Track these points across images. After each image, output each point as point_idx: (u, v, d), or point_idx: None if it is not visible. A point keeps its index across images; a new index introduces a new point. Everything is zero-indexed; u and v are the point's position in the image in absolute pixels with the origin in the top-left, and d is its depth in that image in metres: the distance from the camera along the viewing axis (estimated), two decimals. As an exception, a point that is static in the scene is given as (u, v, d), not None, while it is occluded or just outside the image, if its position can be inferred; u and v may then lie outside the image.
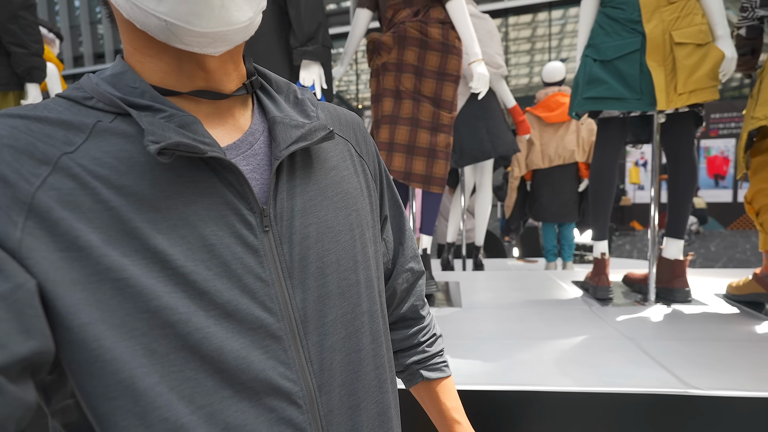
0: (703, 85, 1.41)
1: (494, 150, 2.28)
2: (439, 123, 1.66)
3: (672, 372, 1.09)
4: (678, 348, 1.23)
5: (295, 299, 0.37)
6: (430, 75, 1.63)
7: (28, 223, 0.28)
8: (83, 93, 0.35)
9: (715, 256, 5.74)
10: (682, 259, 1.62)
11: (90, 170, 0.31)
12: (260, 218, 0.36)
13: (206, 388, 0.32)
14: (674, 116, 1.59)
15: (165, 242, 0.32)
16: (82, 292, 0.29)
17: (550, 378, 1.09)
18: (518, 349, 1.28)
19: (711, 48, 1.42)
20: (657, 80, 1.43)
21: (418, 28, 1.59)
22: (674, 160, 1.61)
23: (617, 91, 1.49)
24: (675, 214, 1.63)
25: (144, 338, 0.30)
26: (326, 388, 0.37)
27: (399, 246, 0.54)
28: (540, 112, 2.66)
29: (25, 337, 0.26)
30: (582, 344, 1.29)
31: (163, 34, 0.32)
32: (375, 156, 0.51)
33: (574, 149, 2.59)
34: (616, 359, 1.18)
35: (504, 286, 2.05)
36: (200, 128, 0.34)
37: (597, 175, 1.69)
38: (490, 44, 2.26)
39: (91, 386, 0.29)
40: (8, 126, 0.31)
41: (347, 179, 0.44)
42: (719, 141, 7.68)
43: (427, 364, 0.57)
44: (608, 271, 1.72)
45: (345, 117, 0.49)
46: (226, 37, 0.34)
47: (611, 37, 1.51)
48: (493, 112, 2.31)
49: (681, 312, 1.53)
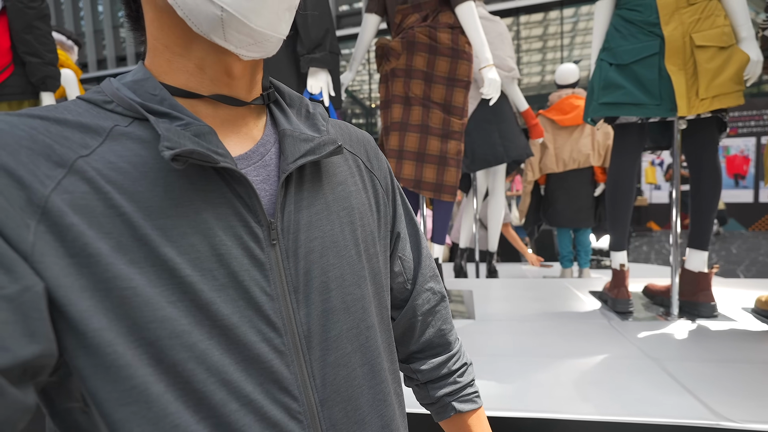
0: (727, 89, 1.34)
1: (507, 154, 2.22)
2: (449, 130, 1.61)
3: (700, 399, 1.02)
4: (706, 371, 1.16)
5: (299, 315, 0.37)
6: (440, 81, 1.58)
7: (41, 227, 0.28)
8: (103, 96, 0.35)
9: (737, 259, 5.57)
10: (707, 272, 1.54)
11: (104, 174, 0.31)
12: (267, 231, 0.36)
13: (213, 401, 0.32)
14: (696, 122, 1.51)
15: (174, 250, 0.32)
16: (91, 299, 0.29)
17: (569, 403, 1.03)
18: (535, 368, 1.22)
19: (735, 50, 1.34)
20: (677, 85, 1.35)
21: (427, 33, 1.54)
22: (697, 169, 1.53)
23: (635, 97, 1.42)
24: (698, 224, 1.55)
25: (150, 348, 0.30)
26: (329, 404, 0.37)
27: (418, 265, 0.53)
28: (553, 115, 2.59)
29: (29, 341, 0.26)
30: (602, 364, 1.23)
31: (209, 25, 0.33)
32: (387, 173, 0.50)
33: (590, 153, 2.51)
34: (639, 383, 1.11)
35: (519, 296, 1.99)
36: (215, 138, 0.34)
37: (614, 183, 1.62)
38: (501, 47, 2.20)
39: (105, 391, 0.29)
40: (28, 126, 0.31)
41: (355, 194, 0.44)
42: (739, 140, 7.45)
43: (459, 396, 0.54)
44: (628, 282, 1.65)
45: (355, 134, 0.49)
46: (265, 43, 0.35)
47: (628, 40, 1.44)
48: (506, 115, 2.25)
49: (707, 328, 1.46)
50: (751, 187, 7.45)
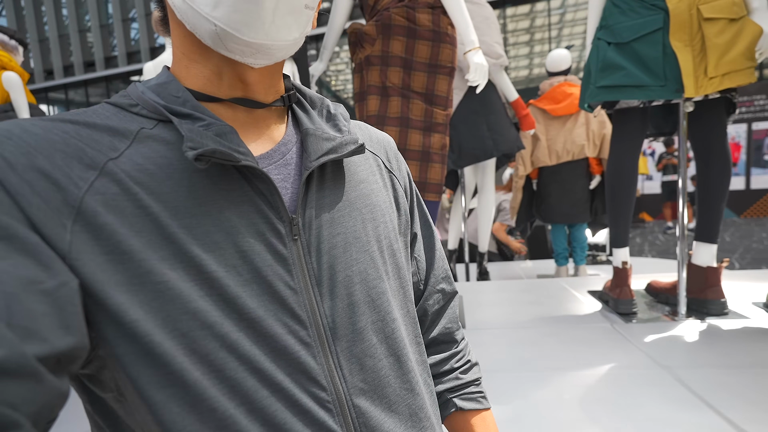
0: (738, 66, 1.21)
1: (496, 148, 2.08)
2: (432, 122, 1.47)
3: (721, 413, 0.90)
4: (723, 379, 1.04)
5: (324, 307, 0.38)
6: (421, 68, 1.43)
7: (76, 226, 0.30)
8: (129, 100, 0.37)
9: (731, 247, 5.52)
10: (716, 266, 1.42)
11: (132, 176, 0.32)
12: (289, 227, 0.37)
13: (246, 388, 0.33)
14: (703, 104, 1.39)
15: (200, 248, 0.33)
16: (125, 294, 0.30)
17: (576, 426, 0.90)
18: (533, 384, 1.09)
19: (746, 22, 1.21)
20: (684, 63, 1.23)
21: (404, 15, 1.39)
22: (704, 155, 1.40)
23: (637, 78, 1.29)
24: (707, 215, 1.42)
25: (184, 339, 0.31)
26: (356, 393, 0.38)
27: (430, 266, 0.54)
28: (545, 104, 2.45)
29: (64, 332, 0.28)
30: (609, 376, 1.10)
31: (210, 39, 0.34)
32: (406, 174, 0.52)
33: (584, 143, 2.38)
34: (651, 397, 0.99)
35: (513, 299, 1.86)
36: (236, 138, 0.35)
37: (615, 173, 1.49)
38: (488, 32, 2.06)
39: (146, 376, 0.30)
40: (61, 131, 0.32)
41: (376, 192, 0.45)
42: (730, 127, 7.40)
43: (462, 393, 0.53)
44: (630, 281, 1.52)
45: (376, 135, 0.51)
46: (269, 51, 0.36)
47: (628, 15, 1.31)
48: (494, 106, 2.11)
49: (718, 328, 1.34)
50: (743, 174, 7.42)
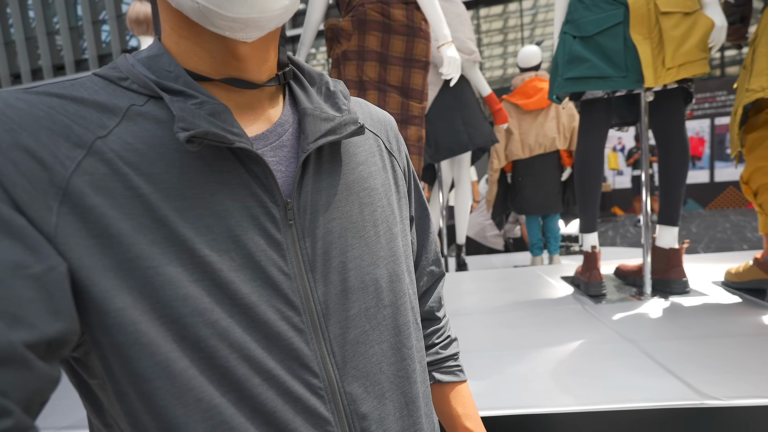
0: (693, 57, 1.30)
1: (471, 142, 2.14)
2: (409, 114, 1.50)
3: (683, 379, 0.96)
4: (684, 349, 1.11)
5: (317, 293, 0.37)
6: (396, 62, 1.47)
7: (63, 208, 0.29)
8: (119, 73, 0.35)
9: (697, 237, 5.78)
10: (678, 248, 1.51)
11: (122, 156, 0.31)
12: (284, 211, 0.36)
13: (236, 375, 0.32)
14: (662, 94, 1.47)
15: (192, 231, 0.32)
16: (114, 278, 0.29)
17: (548, 396, 0.95)
18: (510, 362, 1.14)
19: (699, 16, 1.30)
20: (643, 54, 1.30)
21: (379, 10, 1.43)
22: (665, 142, 1.49)
23: (601, 70, 1.36)
24: (668, 199, 1.51)
25: (174, 325, 0.30)
26: (348, 380, 0.38)
27: (422, 249, 0.54)
28: (517, 99, 2.54)
29: (53, 318, 0.27)
30: (579, 351, 1.16)
31: (196, 15, 0.32)
32: (405, 156, 0.51)
33: (555, 137, 2.47)
34: (618, 367, 1.05)
35: (490, 287, 1.92)
36: (230, 117, 0.34)
37: (583, 162, 1.56)
38: (460, 29, 2.12)
39: (131, 367, 0.29)
40: (46, 105, 0.31)
41: (375, 175, 0.44)
42: (694, 122, 7.76)
43: (441, 367, 0.55)
44: (600, 265, 1.60)
45: (377, 113, 0.49)
46: (258, 23, 0.33)
47: (591, 10, 1.38)
48: (468, 101, 2.17)
49: (681, 305, 1.42)
50: (707, 167, 7.77)
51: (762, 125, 1.27)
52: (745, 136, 1.33)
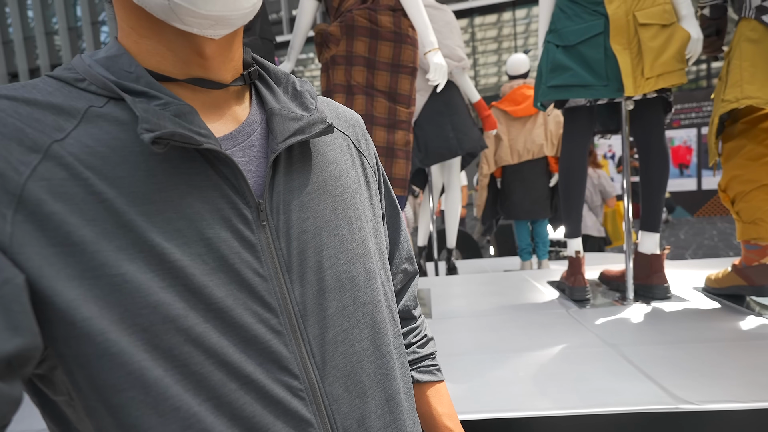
0: (671, 68, 1.33)
1: (460, 147, 2.16)
2: (396, 119, 1.52)
3: (659, 383, 0.98)
4: (662, 353, 1.13)
5: (294, 294, 0.36)
6: (383, 67, 1.49)
7: (18, 216, 0.27)
8: (75, 74, 0.33)
9: (685, 244, 5.85)
10: (659, 254, 1.53)
11: (81, 159, 0.30)
12: (256, 212, 0.35)
13: (212, 382, 0.31)
14: (642, 103, 1.50)
15: (161, 236, 0.31)
16: (78, 288, 0.28)
17: (527, 400, 0.96)
18: (492, 365, 1.15)
19: (676, 29, 1.33)
20: (623, 64, 1.33)
21: (366, 16, 1.45)
22: (645, 150, 1.52)
23: (582, 78, 1.38)
24: (649, 206, 1.54)
25: (145, 333, 0.29)
26: (329, 380, 0.37)
27: (394, 246, 0.54)
28: (506, 106, 2.57)
29: (11, 334, 0.26)
30: (561, 355, 1.17)
31: (164, 12, 0.31)
32: (374, 154, 0.51)
33: (543, 143, 2.51)
34: (597, 371, 1.06)
35: (478, 291, 1.93)
36: (196, 118, 0.33)
37: (566, 169, 1.59)
38: (450, 36, 2.14)
39: (101, 379, 0.28)
40: None
41: (346, 173, 0.43)
42: (682, 131, 7.88)
43: (419, 366, 0.55)
44: (584, 270, 1.62)
45: (344, 113, 0.49)
46: (229, 20, 0.33)
47: (573, 20, 1.41)
48: (458, 107, 2.20)
49: (662, 310, 1.44)
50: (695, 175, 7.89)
51: (738, 134, 1.30)
52: (723, 145, 1.36)
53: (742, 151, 1.27)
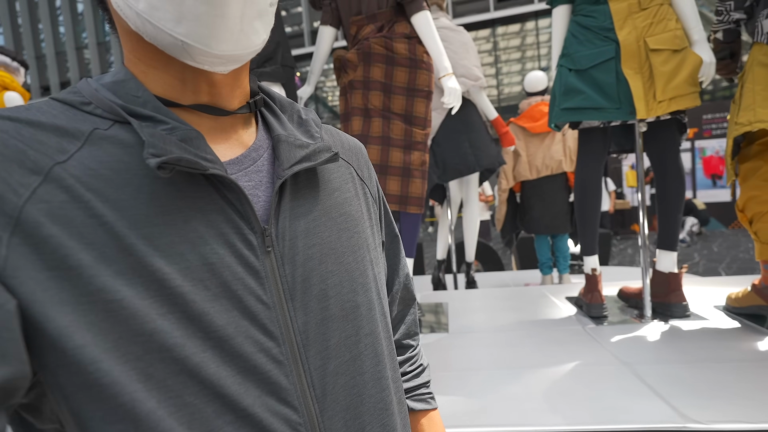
0: (683, 91, 1.35)
1: (478, 163, 2.21)
2: (412, 140, 1.59)
3: (670, 403, 1.00)
4: (676, 372, 1.14)
5: (297, 322, 0.35)
6: (400, 91, 1.57)
7: (14, 239, 0.27)
8: (80, 98, 0.33)
9: (719, 257, 5.63)
10: (677, 272, 1.53)
11: (84, 182, 0.29)
12: (261, 238, 0.35)
13: (207, 414, 0.30)
14: (656, 124, 1.52)
15: (162, 260, 0.30)
16: (72, 313, 0.27)
17: (539, 416, 1.00)
18: (506, 380, 1.19)
19: (688, 53, 1.36)
20: (635, 88, 1.36)
21: (382, 44, 1.53)
22: (660, 170, 1.53)
23: (595, 101, 1.42)
24: (666, 225, 1.55)
25: (139, 362, 0.28)
26: (329, 413, 0.36)
27: (394, 275, 0.54)
28: (524, 122, 2.60)
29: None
30: (574, 372, 1.20)
31: (176, 52, 0.32)
32: (376, 183, 0.51)
33: (561, 159, 2.52)
34: (609, 389, 1.09)
35: (496, 306, 1.96)
36: (203, 143, 0.33)
37: (581, 188, 1.61)
38: (466, 56, 2.21)
39: (89, 410, 0.27)
40: None
41: (349, 201, 0.43)
42: (713, 141, 7.62)
43: (413, 394, 0.54)
44: (601, 287, 1.63)
45: (348, 141, 0.49)
46: (240, 58, 0.33)
47: (585, 45, 1.45)
48: (475, 125, 2.25)
49: (679, 329, 1.44)
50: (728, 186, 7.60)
51: (754, 156, 1.30)
52: (740, 166, 1.36)
53: (759, 172, 1.28)
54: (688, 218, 6.97)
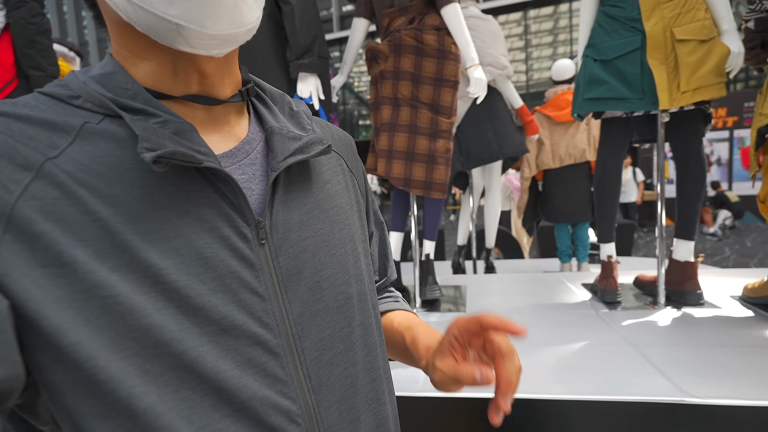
0: (708, 82, 1.37)
1: (501, 151, 2.26)
2: (437, 129, 1.67)
3: (671, 379, 1.06)
4: (681, 354, 1.20)
5: (292, 314, 0.36)
6: (428, 81, 1.64)
7: (7, 236, 0.27)
8: (69, 91, 0.32)
9: (751, 252, 5.46)
10: (693, 261, 1.57)
11: (76, 177, 0.29)
12: (256, 230, 0.35)
13: (204, 408, 0.31)
14: (680, 115, 1.54)
15: (157, 255, 0.30)
16: (68, 310, 0.27)
17: (544, 386, 1.08)
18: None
19: (716, 43, 1.37)
20: (658, 79, 1.39)
21: (413, 36, 1.60)
22: (682, 160, 1.56)
23: (618, 91, 1.46)
24: (684, 214, 1.58)
25: (136, 358, 0.29)
26: (325, 404, 0.37)
27: (384, 259, 0.55)
28: (549, 111, 2.62)
29: None
30: (582, 350, 1.28)
31: (170, 37, 0.31)
32: (363, 175, 0.51)
33: (585, 148, 2.53)
34: (615, 366, 1.16)
35: (512, 290, 2.03)
36: (196, 136, 0.33)
37: (601, 176, 1.65)
38: (494, 45, 2.24)
39: (87, 406, 0.28)
40: None
41: (340, 193, 0.44)
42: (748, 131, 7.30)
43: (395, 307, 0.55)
44: (616, 273, 1.68)
45: (338, 133, 0.49)
46: (235, 38, 0.33)
47: (611, 36, 1.48)
48: (500, 113, 2.29)
49: (691, 316, 1.49)
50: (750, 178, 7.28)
51: (776, 147, 1.32)
52: (763, 157, 1.38)
53: (780, 164, 1.29)
54: (721, 211, 6.75)
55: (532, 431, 1.03)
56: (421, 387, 1.10)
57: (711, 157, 7.60)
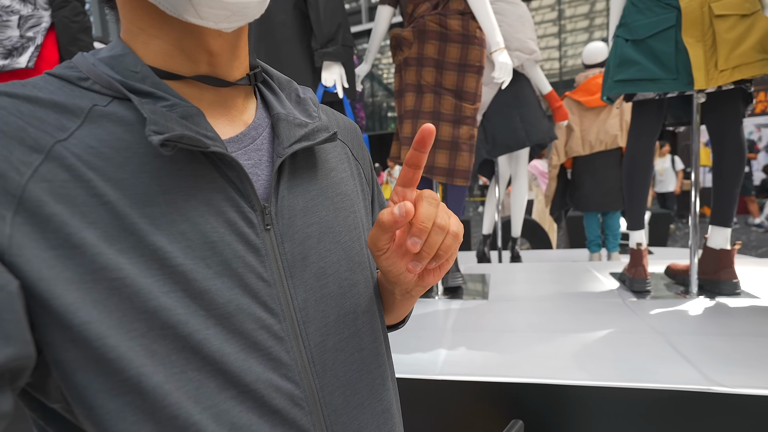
0: (749, 59, 1.29)
1: (528, 138, 2.22)
2: (461, 115, 1.65)
3: (698, 368, 1.03)
4: (711, 343, 1.16)
5: (297, 299, 0.36)
6: (451, 67, 1.62)
7: (18, 218, 0.27)
8: (78, 73, 0.33)
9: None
10: (729, 249, 1.50)
11: (85, 160, 0.30)
12: (261, 216, 0.35)
13: (209, 389, 0.31)
14: (717, 95, 1.47)
15: (164, 239, 0.30)
16: (77, 291, 0.28)
17: (565, 372, 1.08)
18: (538, 341, 1.27)
19: (759, 17, 1.29)
20: (694, 57, 1.32)
21: (437, 21, 1.59)
22: (718, 143, 1.48)
23: (650, 72, 1.40)
24: (721, 200, 1.51)
25: (143, 339, 0.29)
26: (329, 389, 0.37)
27: None
28: (580, 96, 2.53)
29: (3, 343, 0.25)
30: (606, 338, 1.25)
31: (181, 6, 0.30)
32: (369, 163, 0.51)
33: (617, 134, 2.44)
34: (639, 354, 1.14)
35: (538, 279, 2.01)
36: (203, 121, 0.33)
37: (631, 161, 1.60)
38: (522, 29, 2.19)
39: (97, 383, 0.28)
40: None
41: (345, 181, 0.44)
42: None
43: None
44: (646, 261, 1.63)
45: (344, 121, 0.49)
46: (245, 11, 0.33)
47: (644, 14, 1.42)
48: (527, 99, 2.25)
49: (725, 305, 1.43)
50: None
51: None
52: None
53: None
54: (769, 202, 6.35)
55: (551, 416, 1.03)
56: (440, 370, 1.11)
57: (759, 144, 7.14)
